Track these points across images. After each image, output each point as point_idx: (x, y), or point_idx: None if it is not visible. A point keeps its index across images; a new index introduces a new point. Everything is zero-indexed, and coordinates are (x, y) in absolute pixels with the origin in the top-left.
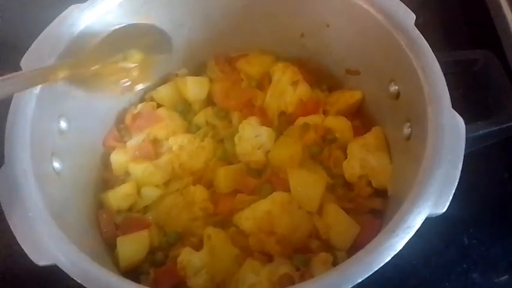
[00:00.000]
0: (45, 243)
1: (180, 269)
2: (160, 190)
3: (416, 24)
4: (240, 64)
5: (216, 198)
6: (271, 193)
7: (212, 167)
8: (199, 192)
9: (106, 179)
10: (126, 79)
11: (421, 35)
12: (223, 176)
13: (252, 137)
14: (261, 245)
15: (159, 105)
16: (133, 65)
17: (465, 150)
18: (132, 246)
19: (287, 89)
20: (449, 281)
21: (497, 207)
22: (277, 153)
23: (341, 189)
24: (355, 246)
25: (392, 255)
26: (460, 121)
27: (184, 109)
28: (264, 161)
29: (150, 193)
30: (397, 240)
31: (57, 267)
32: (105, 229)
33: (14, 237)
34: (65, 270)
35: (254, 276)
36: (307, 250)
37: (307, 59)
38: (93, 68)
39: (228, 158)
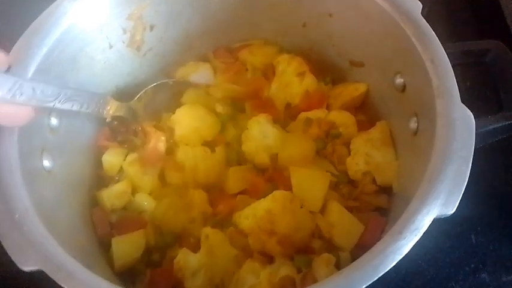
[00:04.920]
0: (31, 246)
1: (177, 270)
2: (154, 200)
3: (422, 13)
4: (243, 54)
5: (216, 199)
6: None
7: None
8: (197, 195)
9: (100, 176)
10: None
11: (428, 25)
12: (232, 176)
13: (258, 137)
14: (261, 245)
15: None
16: None
17: (475, 146)
18: (127, 246)
19: (293, 81)
20: (457, 280)
21: (505, 204)
22: (289, 153)
23: (345, 186)
24: (359, 246)
25: (399, 259)
26: (470, 116)
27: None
28: (267, 163)
29: (144, 202)
30: (404, 243)
31: (44, 272)
32: (100, 228)
33: None
34: (51, 276)
35: (254, 277)
36: (309, 250)
37: (310, 50)
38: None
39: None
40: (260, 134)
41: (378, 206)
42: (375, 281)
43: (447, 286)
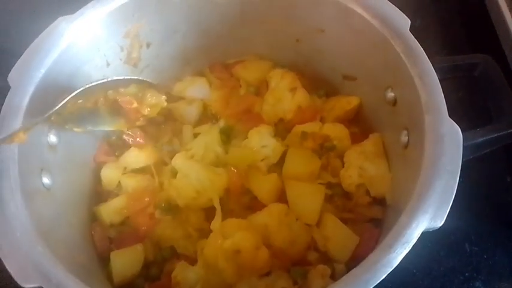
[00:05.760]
0: (32, 264)
1: (174, 284)
2: None
3: (414, 27)
4: (237, 70)
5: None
6: None
7: None
8: (193, 213)
9: (99, 192)
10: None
11: (416, 41)
12: None
13: (257, 147)
14: None
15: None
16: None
17: (465, 158)
18: (126, 260)
19: (285, 96)
20: None
21: (499, 212)
22: (295, 169)
23: (339, 198)
24: (355, 258)
25: (389, 272)
26: (458, 131)
27: None
28: (264, 173)
29: None
30: (394, 256)
31: None
32: (99, 243)
33: None
34: None
35: None
36: (306, 262)
37: (304, 65)
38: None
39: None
40: (259, 144)
41: (372, 217)
42: None
43: None
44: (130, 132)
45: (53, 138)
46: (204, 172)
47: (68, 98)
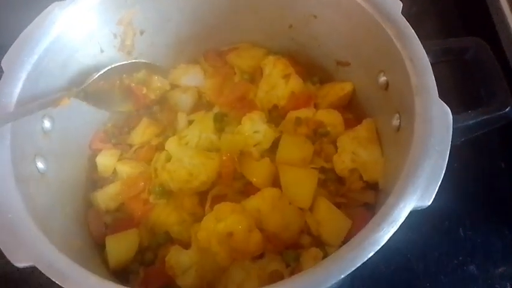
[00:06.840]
0: (24, 244)
1: (168, 268)
2: None
3: (410, 13)
4: (231, 57)
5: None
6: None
7: None
8: (188, 198)
9: (95, 178)
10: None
11: (408, 24)
12: None
13: (249, 132)
14: None
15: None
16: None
17: (456, 141)
18: (121, 245)
19: (279, 82)
20: (445, 274)
21: (493, 197)
22: (288, 155)
23: (332, 183)
24: (347, 241)
25: (376, 250)
26: (448, 112)
27: None
28: (257, 158)
29: None
30: (382, 234)
31: (37, 268)
32: (95, 229)
33: None
34: (43, 272)
35: (244, 273)
36: (299, 246)
37: (297, 51)
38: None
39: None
40: (251, 130)
41: (366, 202)
42: (365, 277)
43: (436, 279)
44: None
45: (47, 124)
46: (197, 156)
47: (96, 77)
